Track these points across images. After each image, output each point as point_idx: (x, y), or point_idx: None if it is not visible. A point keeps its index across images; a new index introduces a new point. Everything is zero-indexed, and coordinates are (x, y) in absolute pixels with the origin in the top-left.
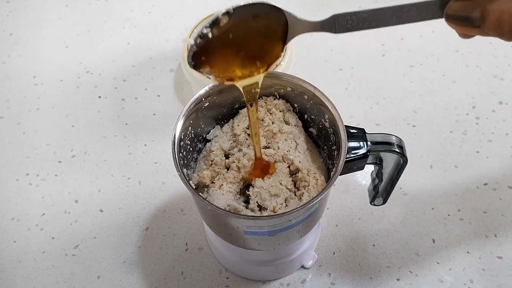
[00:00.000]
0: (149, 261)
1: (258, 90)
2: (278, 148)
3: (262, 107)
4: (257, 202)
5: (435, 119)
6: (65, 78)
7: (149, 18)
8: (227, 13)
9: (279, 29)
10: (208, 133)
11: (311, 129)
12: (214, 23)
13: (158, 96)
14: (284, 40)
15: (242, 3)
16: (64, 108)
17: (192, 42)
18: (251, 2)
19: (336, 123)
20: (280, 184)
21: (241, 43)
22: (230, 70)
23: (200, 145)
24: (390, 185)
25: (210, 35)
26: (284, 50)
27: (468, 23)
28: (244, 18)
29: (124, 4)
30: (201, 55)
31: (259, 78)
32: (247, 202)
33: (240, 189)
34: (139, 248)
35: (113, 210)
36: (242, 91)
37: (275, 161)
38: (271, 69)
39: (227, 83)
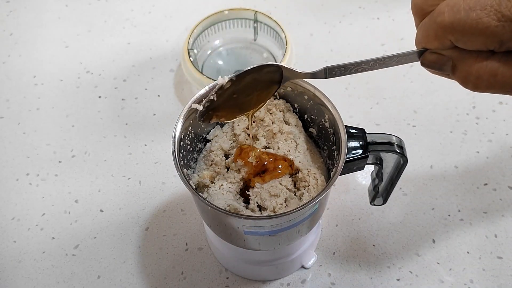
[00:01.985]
0: (149, 261)
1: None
2: (278, 148)
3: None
4: (257, 202)
5: (435, 119)
6: (65, 78)
7: (149, 18)
8: (230, 80)
9: (274, 79)
10: (208, 133)
11: (311, 129)
12: (219, 89)
13: (158, 96)
14: (278, 85)
15: (242, 71)
16: (64, 108)
17: (201, 108)
18: (250, 68)
19: (336, 123)
20: (280, 184)
21: (241, 97)
22: (232, 116)
23: (200, 145)
24: (390, 185)
25: (215, 98)
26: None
27: (440, 71)
28: (245, 80)
29: (124, 4)
30: (208, 111)
31: (254, 112)
32: (247, 202)
33: (240, 189)
34: (139, 248)
35: (113, 210)
36: None
37: (275, 159)
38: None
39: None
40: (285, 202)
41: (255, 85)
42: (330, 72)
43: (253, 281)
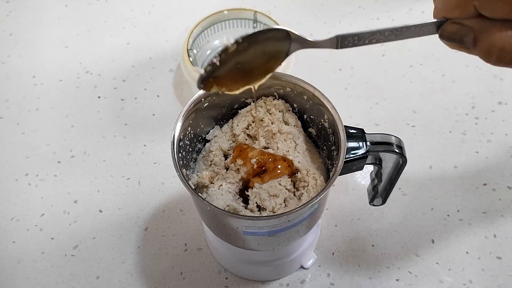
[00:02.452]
0: (148, 262)
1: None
2: (277, 149)
3: (261, 107)
4: (256, 202)
5: (434, 119)
6: (65, 78)
7: (149, 18)
8: (236, 42)
9: (282, 47)
10: (207, 133)
11: (310, 129)
12: (223, 51)
13: (158, 96)
14: (286, 54)
15: (250, 33)
16: (63, 108)
17: (203, 71)
18: (256, 32)
19: (336, 123)
20: (279, 184)
21: (246, 65)
22: (235, 87)
23: (199, 145)
24: (390, 185)
25: (218, 62)
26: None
27: (460, 44)
28: (251, 44)
29: (124, 4)
30: (209, 78)
31: (259, 83)
32: (246, 202)
33: (240, 189)
34: (138, 249)
35: (113, 211)
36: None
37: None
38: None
39: (230, 93)
40: (284, 202)
41: (262, 54)
42: (342, 41)
43: (253, 281)
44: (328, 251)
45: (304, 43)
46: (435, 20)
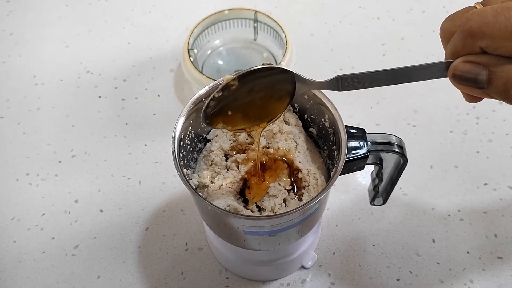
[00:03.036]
0: (149, 261)
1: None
2: (278, 148)
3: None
4: (255, 202)
5: (435, 119)
6: (65, 78)
7: (149, 18)
8: (237, 77)
9: (285, 88)
10: (208, 133)
11: (311, 129)
12: (225, 88)
13: (158, 96)
14: (290, 98)
15: (251, 68)
16: (64, 108)
17: (205, 107)
18: (259, 67)
19: (336, 123)
20: (279, 185)
21: (251, 105)
22: (240, 125)
23: (200, 145)
24: (390, 185)
25: (219, 95)
26: (287, 105)
27: (473, 85)
28: (252, 83)
29: (124, 4)
30: (215, 114)
31: (264, 127)
32: (246, 202)
33: (240, 189)
34: (139, 248)
35: (113, 210)
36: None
37: (275, 160)
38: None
39: (237, 132)
40: (284, 202)
41: (265, 93)
42: (342, 82)
43: (253, 281)
44: (329, 251)
45: (308, 84)
46: (445, 61)
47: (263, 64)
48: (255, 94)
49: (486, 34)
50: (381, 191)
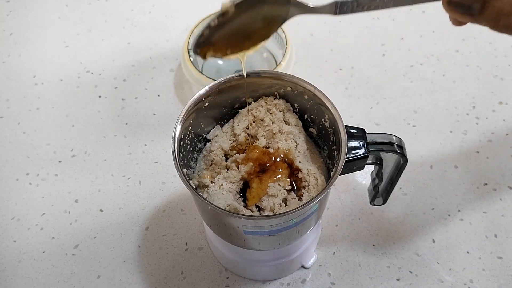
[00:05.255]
0: (149, 261)
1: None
2: (278, 148)
3: (262, 107)
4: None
5: (435, 119)
6: (65, 77)
7: (149, 18)
8: (234, 4)
9: (280, 11)
10: (208, 133)
11: (311, 129)
12: (221, 15)
13: (158, 96)
14: (283, 19)
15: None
16: (64, 108)
17: (199, 35)
18: None
19: (336, 123)
20: (278, 185)
21: (244, 28)
22: (230, 51)
23: (200, 145)
24: (390, 185)
25: (214, 24)
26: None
27: (466, 11)
28: (249, 7)
29: (124, 4)
30: (205, 43)
31: (254, 49)
32: (246, 202)
33: (240, 189)
34: (139, 248)
35: (113, 210)
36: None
37: (275, 160)
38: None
39: (226, 58)
40: (283, 202)
41: (260, 18)
42: (341, 7)
43: (253, 281)
44: (329, 251)
45: (303, 8)
46: None
47: None
48: (249, 19)
49: None
50: (381, 191)
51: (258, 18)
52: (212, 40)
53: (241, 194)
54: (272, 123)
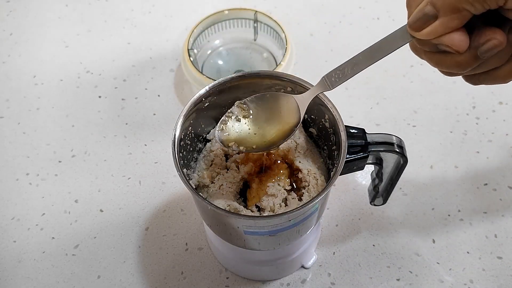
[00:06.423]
0: (149, 261)
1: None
2: (278, 148)
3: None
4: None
5: (435, 119)
6: (65, 78)
7: (149, 18)
8: (243, 102)
9: (292, 108)
10: (208, 133)
11: (311, 129)
12: (231, 113)
13: (158, 96)
14: (298, 119)
15: (254, 95)
16: (64, 108)
17: (219, 131)
18: (262, 93)
19: (336, 123)
20: (278, 185)
21: (261, 127)
22: (251, 146)
23: (200, 145)
24: (390, 185)
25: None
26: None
27: (425, 18)
28: (257, 103)
29: (124, 4)
30: (226, 137)
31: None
32: (246, 202)
33: (240, 189)
34: (139, 248)
35: (113, 210)
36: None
37: (275, 160)
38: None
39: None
40: (283, 202)
41: (275, 115)
42: (329, 80)
43: (253, 281)
44: (329, 251)
45: (306, 96)
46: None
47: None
48: (265, 120)
49: None
50: (381, 191)
51: (269, 112)
52: (231, 135)
53: (241, 194)
54: None
